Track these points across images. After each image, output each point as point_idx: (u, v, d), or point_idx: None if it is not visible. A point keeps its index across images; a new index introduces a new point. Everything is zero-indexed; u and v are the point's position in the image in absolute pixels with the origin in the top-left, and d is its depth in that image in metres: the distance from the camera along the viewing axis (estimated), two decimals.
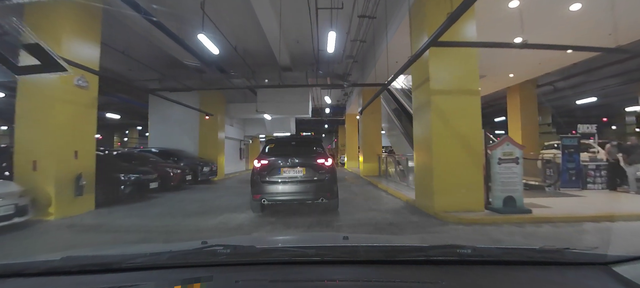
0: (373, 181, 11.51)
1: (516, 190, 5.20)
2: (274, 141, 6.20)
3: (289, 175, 5.26)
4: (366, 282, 0.84)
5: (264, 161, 5.34)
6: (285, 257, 0.99)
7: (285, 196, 5.29)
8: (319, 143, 6.23)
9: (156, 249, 1.07)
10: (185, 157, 12.44)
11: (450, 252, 0.97)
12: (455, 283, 0.83)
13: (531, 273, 0.91)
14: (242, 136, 20.12)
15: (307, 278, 0.86)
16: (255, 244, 1.07)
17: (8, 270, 0.94)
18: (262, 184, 5.26)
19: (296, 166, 5.28)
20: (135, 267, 0.93)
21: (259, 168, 5.32)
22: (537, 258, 0.97)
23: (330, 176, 5.35)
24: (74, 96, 6.23)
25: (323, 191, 5.26)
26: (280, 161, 5.32)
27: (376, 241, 1.35)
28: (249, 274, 0.89)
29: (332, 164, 5.47)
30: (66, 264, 0.94)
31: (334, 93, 18.24)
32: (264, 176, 5.27)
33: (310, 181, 5.27)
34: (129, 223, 5.45)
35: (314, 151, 5.72)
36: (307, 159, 5.38)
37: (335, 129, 33.34)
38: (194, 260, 0.96)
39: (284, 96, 16.00)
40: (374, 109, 13.60)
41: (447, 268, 0.92)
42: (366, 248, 1.07)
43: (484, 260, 0.97)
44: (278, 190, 5.26)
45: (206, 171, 12.21)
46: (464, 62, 5.42)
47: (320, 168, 5.32)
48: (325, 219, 5.26)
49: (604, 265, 0.90)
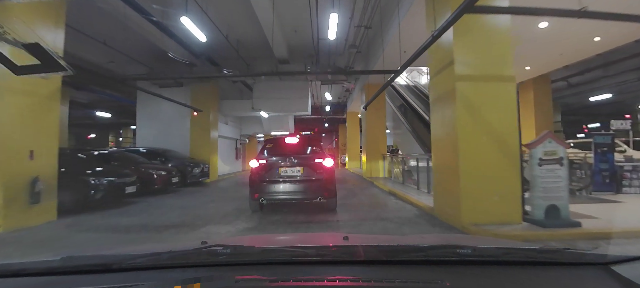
0: (378, 183, 10.56)
1: (561, 198, 4.22)
2: (272, 141, 6.21)
3: (287, 175, 5.25)
4: (366, 282, 0.82)
5: (262, 160, 5.37)
6: (285, 257, 0.99)
7: (284, 195, 5.29)
8: (318, 142, 6.26)
9: (156, 249, 1.05)
10: (174, 157, 11.49)
11: (450, 252, 0.97)
12: (455, 283, 0.82)
13: (531, 273, 0.90)
14: (238, 135, 19.15)
15: (307, 278, 0.85)
16: (255, 244, 1.08)
17: (8, 270, 0.94)
18: (260, 183, 5.26)
19: (294, 165, 5.26)
20: (135, 267, 0.93)
21: (257, 168, 5.34)
22: (537, 258, 0.96)
23: (328, 176, 5.34)
24: (31, 85, 5.25)
25: (321, 191, 5.25)
26: (278, 161, 5.32)
27: (376, 241, 1.40)
28: (249, 274, 0.89)
29: (331, 164, 5.45)
30: (66, 264, 0.94)
31: (335, 90, 17.31)
32: (262, 175, 5.27)
33: (308, 181, 5.25)
34: (85, 237, 4.50)
35: (313, 150, 5.70)
36: (305, 158, 5.38)
37: (336, 128, 32.41)
38: (194, 260, 0.96)
39: (281, 92, 15.07)
40: (378, 105, 12.65)
41: (447, 268, 0.91)
42: (366, 248, 1.04)
43: (484, 260, 0.96)
44: (276, 189, 5.25)
45: (196, 172, 11.24)
46: (495, 41, 4.45)
47: (318, 168, 5.32)
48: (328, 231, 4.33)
49: (603, 265, 0.89)
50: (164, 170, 9.24)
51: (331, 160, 5.52)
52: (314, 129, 33.37)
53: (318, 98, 19.43)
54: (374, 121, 12.88)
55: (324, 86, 15.82)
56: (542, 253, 0.97)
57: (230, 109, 15.62)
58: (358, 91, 15.02)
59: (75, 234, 4.68)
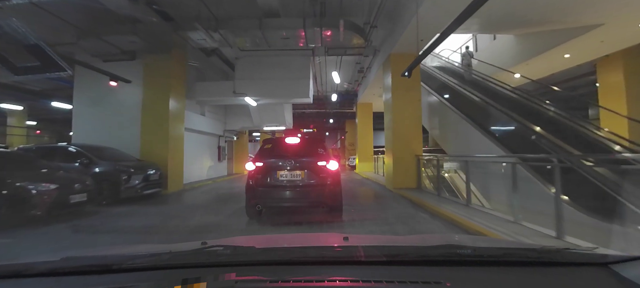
0: (418, 200, 6.61)
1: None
2: (271, 141, 5.81)
3: (287, 179, 4.84)
4: (366, 282, 0.83)
5: (259, 163, 4.95)
6: (285, 257, 1.00)
7: (282, 202, 4.97)
8: (322, 142, 5.68)
9: (156, 249, 1.06)
10: (110, 158, 7.68)
11: (450, 252, 0.97)
12: (455, 284, 0.82)
13: (531, 273, 0.90)
14: (221, 131, 15.21)
15: (307, 279, 0.86)
16: (255, 244, 1.08)
17: (8, 270, 0.94)
18: (256, 188, 4.86)
19: (295, 168, 4.84)
20: (135, 268, 0.93)
21: (254, 171, 4.94)
22: (537, 258, 0.95)
23: (333, 180, 4.92)
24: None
25: (324, 197, 4.86)
26: (277, 163, 4.91)
27: (376, 241, 1.38)
28: (249, 274, 0.89)
29: (335, 167, 4.98)
30: (66, 265, 0.94)
31: (345, 69, 13.36)
32: (258, 179, 4.88)
33: (310, 186, 4.84)
34: None
35: (316, 151, 5.13)
36: (307, 160, 4.93)
37: (342, 124, 28.47)
38: (194, 260, 0.97)
39: (274, 71, 11.12)
40: (410, 84, 8.71)
41: (447, 268, 0.91)
42: (366, 249, 1.03)
43: (484, 260, 0.96)
44: (274, 194, 4.90)
45: (137, 182, 7.35)
46: None
47: (321, 171, 4.89)
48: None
49: (604, 265, 0.89)
50: (60, 182, 5.35)
51: (336, 163, 5.00)
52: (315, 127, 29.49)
53: (323, 85, 15.45)
54: (405, 107, 8.90)
55: (331, 63, 11.87)
56: (542, 253, 0.96)
57: (205, 93, 11.69)
58: (377, 70, 11.05)
59: None
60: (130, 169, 7.42)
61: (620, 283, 0.81)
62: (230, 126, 15.82)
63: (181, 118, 10.10)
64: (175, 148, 9.68)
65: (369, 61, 11.69)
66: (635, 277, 0.80)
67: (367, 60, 11.74)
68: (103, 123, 9.60)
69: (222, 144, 15.47)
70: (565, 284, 0.85)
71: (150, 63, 9.42)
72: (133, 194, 7.28)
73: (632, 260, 0.89)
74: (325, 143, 5.82)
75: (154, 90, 9.37)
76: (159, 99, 9.32)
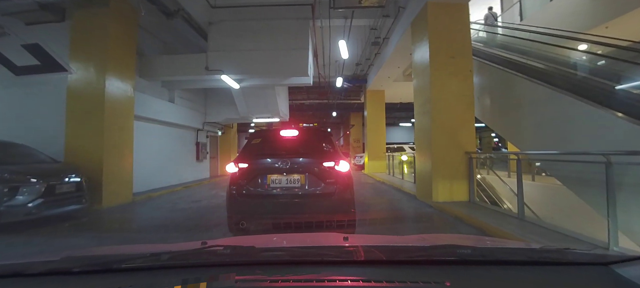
0: (492, 229, 3.80)
1: None
2: (260, 134, 4.48)
3: (281, 185, 3.60)
4: (366, 282, 0.81)
5: (244, 163, 3.72)
6: (285, 256, 0.98)
7: (275, 217, 3.48)
8: (328, 135, 4.26)
9: (156, 249, 1.03)
10: (13, 159, 4.91)
11: (450, 252, 0.96)
12: (455, 284, 0.81)
13: (531, 273, 0.89)
14: (199, 123, 12.33)
15: (307, 279, 0.84)
16: (255, 244, 1.06)
17: (8, 270, 0.92)
18: (240, 199, 3.63)
19: (292, 171, 3.61)
20: (135, 267, 0.92)
21: (237, 175, 3.69)
22: (537, 258, 0.94)
23: (343, 187, 3.61)
24: None
25: (331, 211, 3.47)
26: (268, 164, 3.72)
27: (376, 241, 1.33)
28: (249, 274, 0.88)
29: (347, 168, 3.69)
30: (66, 264, 0.93)
31: (355, 40, 10.45)
32: (242, 186, 3.64)
33: (312, 196, 3.58)
34: None
35: (320, 148, 3.91)
36: (308, 160, 3.72)
37: (346, 119, 25.67)
38: (194, 260, 0.96)
39: (260, 40, 8.24)
40: (458, 49, 5.87)
41: (447, 268, 0.90)
42: (366, 248, 1.02)
43: (484, 260, 0.95)
44: (264, 207, 3.59)
45: (31, 198, 4.51)
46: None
47: (328, 175, 3.62)
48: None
49: (604, 265, 0.88)
50: None
51: (347, 163, 3.70)
52: (316, 121, 26.69)
53: (326, 66, 12.52)
54: (448, 82, 6.01)
55: (337, 31, 8.97)
56: (542, 253, 0.96)
57: (169, 71, 8.78)
58: (401, 36, 8.15)
59: None
60: (19, 176, 4.59)
61: (620, 283, 0.80)
62: (212, 117, 12.93)
63: (129, 103, 7.23)
64: (119, 144, 6.82)
65: (389, 27, 8.79)
66: (635, 277, 0.79)
67: (385, 26, 8.85)
68: (12, 109, 6.77)
69: (201, 140, 12.61)
70: (565, 284, 0.83)
71: (79, 24, 6.56)
72: (20, 217, 4.44)
73: (632, 260, 0.88)
74: (332, 137, 4.34)
75: (84, 63, 6.50)
76: (92, 76, 6.46)
